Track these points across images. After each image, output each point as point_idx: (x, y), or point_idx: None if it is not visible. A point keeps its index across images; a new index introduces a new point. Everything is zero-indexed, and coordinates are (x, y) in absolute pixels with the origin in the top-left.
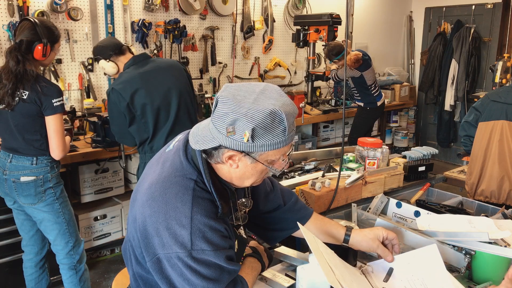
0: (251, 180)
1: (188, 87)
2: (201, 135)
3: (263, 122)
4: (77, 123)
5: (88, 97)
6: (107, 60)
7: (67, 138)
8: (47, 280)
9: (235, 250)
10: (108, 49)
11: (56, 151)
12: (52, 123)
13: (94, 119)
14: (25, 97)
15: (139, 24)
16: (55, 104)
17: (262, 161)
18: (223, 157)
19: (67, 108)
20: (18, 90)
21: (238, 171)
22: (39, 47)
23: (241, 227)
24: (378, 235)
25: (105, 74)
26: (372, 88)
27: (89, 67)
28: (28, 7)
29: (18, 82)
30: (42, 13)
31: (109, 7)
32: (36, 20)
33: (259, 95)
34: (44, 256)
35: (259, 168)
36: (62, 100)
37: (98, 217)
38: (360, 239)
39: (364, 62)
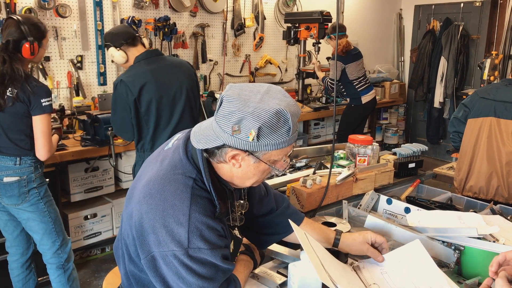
0: (252, 180)
1: (195, 88)
2: (203, 134)
3: (269, 121)
4: (66, 121)
5: (77, 95)
6: (118, 48)
7: (55, 137)
8: (35, 280)
9: (231, 250)
10: (120, 37)
11: (41, 152)
12: (40, 123)
13: (84, 117)
14: (14, 96)
15: (129, 22)
16: (43, 104)
17: (265, 160)
18: (226, 157)
19: (56, 106)
20: (7, 90)
21: (240, 171)
22: (27, 45)
23: (236, 228)
24: (367, 239)
25: (112, 61)
26: (356, 83)
27: (78, 64)
28: (15, 4)
29: (6, 82)
30: (30, 10)
31: (98, 4)
32: (20, 18)
33: (264, 95)
34: (30, 257)
35: (261, 168)
36: (51, 100)
37: (89, 216)
38: (350, 243)
39: (348, 55)
